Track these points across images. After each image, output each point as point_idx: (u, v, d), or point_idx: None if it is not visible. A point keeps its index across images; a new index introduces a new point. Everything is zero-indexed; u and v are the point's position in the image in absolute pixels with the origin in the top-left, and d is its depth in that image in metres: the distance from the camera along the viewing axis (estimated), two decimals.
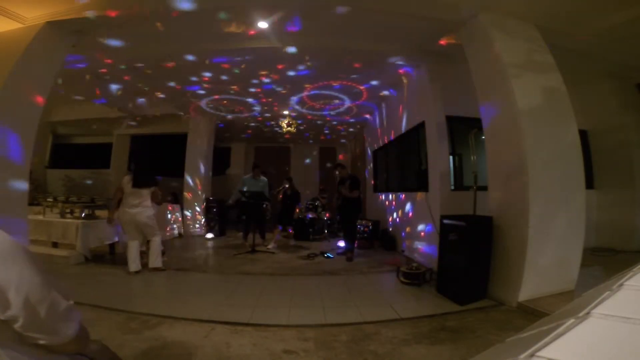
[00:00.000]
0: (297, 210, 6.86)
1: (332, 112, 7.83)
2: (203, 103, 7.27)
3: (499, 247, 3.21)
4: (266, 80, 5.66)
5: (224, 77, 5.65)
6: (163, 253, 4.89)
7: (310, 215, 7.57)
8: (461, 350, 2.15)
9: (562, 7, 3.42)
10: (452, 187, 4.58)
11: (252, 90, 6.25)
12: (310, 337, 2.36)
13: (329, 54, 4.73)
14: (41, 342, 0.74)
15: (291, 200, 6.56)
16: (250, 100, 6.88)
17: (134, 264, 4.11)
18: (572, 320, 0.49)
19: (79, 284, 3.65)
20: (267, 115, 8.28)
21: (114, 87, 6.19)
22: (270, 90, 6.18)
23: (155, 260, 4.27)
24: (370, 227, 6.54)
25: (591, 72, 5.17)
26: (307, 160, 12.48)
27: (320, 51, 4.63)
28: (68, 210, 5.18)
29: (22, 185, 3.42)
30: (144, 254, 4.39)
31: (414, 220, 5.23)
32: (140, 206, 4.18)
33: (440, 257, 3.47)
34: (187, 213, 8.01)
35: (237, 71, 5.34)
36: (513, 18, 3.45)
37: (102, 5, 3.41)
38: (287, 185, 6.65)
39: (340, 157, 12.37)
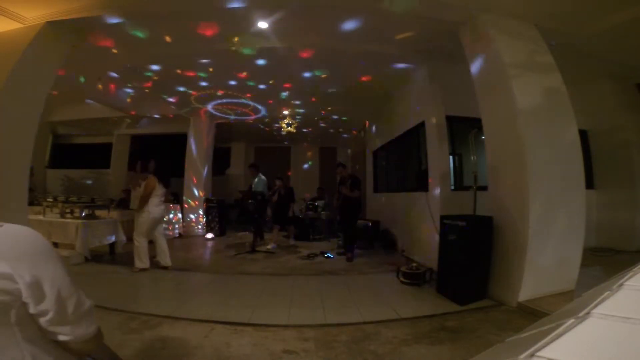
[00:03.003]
0: (293, 204, 6.83)
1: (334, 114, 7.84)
2: (209, 106, 7.38)
3: (499, 247, 3.21)
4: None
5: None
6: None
7: (310, 214, 7.57)
8: (461, 351, 2.15)
9: (562, 7, 3.43)
10: (452, 187, 4.58)
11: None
12: (310, 337, 2.36)
13: (329, 54, 4.73)
14: (63, 337, 0.76)
15: (285, 199, 6.55)
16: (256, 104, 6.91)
17: (146, 261, 4.22)
18: (572, 320, 0.49)
19: (79, 284, 3.64)
20: (267, 118, 8.31)
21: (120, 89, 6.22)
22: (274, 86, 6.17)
23: (169, 258, 4.48)
24: (370, 227, 6.54)
25: (591, 72, 5.17)
26: (306, 166, 12.46)
27: (321, 51, 4.64)
28: (68, 210, 5.18)
29: (23, 185, 3.43)
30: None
31: (414, 221, 5.23)
32: (163, 204, 4.47)
33: (440, 257, 3.47)
34: (191, 216, 8.01)
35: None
36: (513, 18, 3.45)
37: (103, 4, 3.41)
38: (279, 185, 6.61)
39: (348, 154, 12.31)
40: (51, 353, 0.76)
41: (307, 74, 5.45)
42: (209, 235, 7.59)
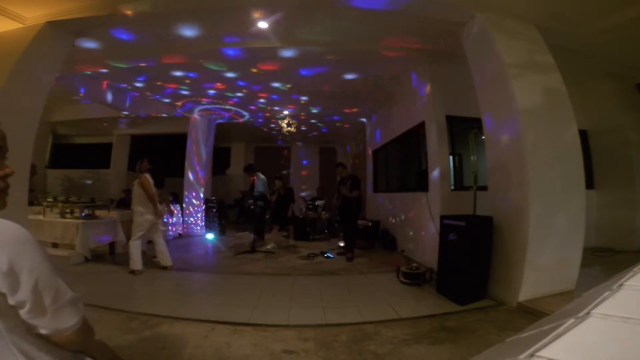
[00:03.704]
0: (292, 204, 6.83)
1: (332, 114, 7.91)
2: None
3: (499, 247, 3.21)
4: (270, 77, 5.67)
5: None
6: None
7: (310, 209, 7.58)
8: (461, 350, 2.15)
9: (562, 7, 3.43)
10: (452, 187, 4.58)
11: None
12: (310, 337, 2.36)
13: (328, 54, 4.73)
14: (43, 330, 0.74)
15: (285, 199, 6.55)
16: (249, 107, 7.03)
17: (139, 262, 4.17)
18: (572, 320, 0.49)
19: (78, 284, 3.64)
20: (265, 117, 8.36)
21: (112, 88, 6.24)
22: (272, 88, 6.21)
23: (169, 259, 4.44)
24: (370, 227, 6.54)
25: (591, 72, 5.17)
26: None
27: (320, 51, 4.64)
28: (68, 210, 5.18)
29: (23, 185, 3.43)
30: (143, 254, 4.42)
31: (414, 220, 5.23)
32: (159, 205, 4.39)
33: (440, 257, 3.47)
34: (191, 216, 8.01)
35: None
36: (513, 18, 3.45)
37: (102, 4, 3.41)
38: (279, 185, 6.61)
39: (348, 153, 12.29)
40: (39, 347, 0.75)
41: (305, 73, 5.46)
42: (209, 236, 7.59)
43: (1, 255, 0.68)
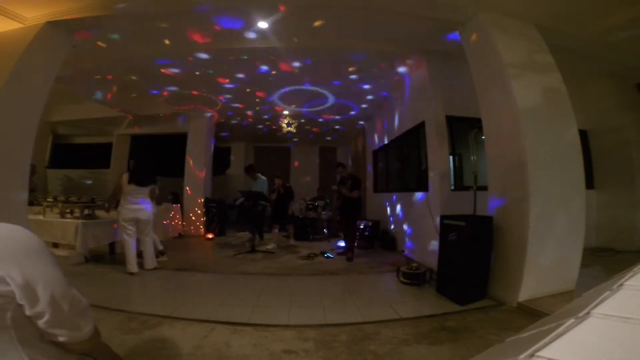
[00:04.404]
0: (292, 203, 6.83)
1: (334, 115, 7.90)
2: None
3: (499, 247, 3.21)
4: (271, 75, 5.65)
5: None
6: (163, 253, 4.92)
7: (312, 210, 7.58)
8: (461, 350, 2.15)
9: (561, 7, 3.43)
10: (452, 187, 4.58)
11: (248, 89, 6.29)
12: (310, 337, 2.36)
13: (328, 54, 4.73)
14: (61, 338, 0.75)
15: (284, 197, 6.55)
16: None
17: (134, 264, 4.12)
18: (572, 320, 0.49)
19: (78, 284, 3.63)
20: (266, 117, 8.35)
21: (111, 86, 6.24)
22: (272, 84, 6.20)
23: (152, 262, 4.36)
24: (370, 227, 6.54)
25: (591, 72, 5.17)
26: (305, 161, 12.47)
27: (320, 50, 4.64)
28: (68, 210, 5.17)
29: (23, 185, 3.42)
30: (140, 254, 4.40)
31: (414, 221, 5.23)
32: (141, 204, 4.25)
33: (440, 257, 3.47)
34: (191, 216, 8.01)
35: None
36: (513, 18, 3.45)
37: (102, 4, 3.41)
38: (279, 184, 6.61)
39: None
40: (50, 354, 0.75)
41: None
42: (209, 235, 7.59)
43: (14, 267, 0.67)
